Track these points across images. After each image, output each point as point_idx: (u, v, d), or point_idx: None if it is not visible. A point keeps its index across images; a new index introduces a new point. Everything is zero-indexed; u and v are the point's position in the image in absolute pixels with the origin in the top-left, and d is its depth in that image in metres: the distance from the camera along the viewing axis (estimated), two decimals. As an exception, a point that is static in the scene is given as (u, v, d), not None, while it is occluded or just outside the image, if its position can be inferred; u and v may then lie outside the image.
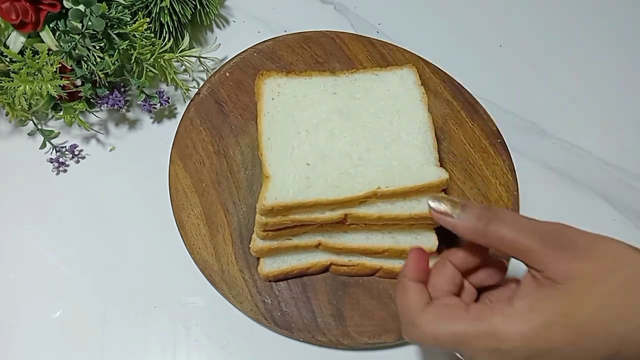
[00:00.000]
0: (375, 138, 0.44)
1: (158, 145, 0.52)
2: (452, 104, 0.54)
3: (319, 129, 0.44)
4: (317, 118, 0.45)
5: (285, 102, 0.45)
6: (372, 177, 0.42)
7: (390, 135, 0.44)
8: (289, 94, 0.46)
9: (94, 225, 0.49)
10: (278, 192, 0.41)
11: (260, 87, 0.46)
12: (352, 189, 0.41)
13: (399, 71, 0.48)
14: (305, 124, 0.44)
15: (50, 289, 0.46)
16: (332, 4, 0.62)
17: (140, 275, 0.47)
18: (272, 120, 0.44)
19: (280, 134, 0.44)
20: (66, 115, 0.50)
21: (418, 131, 0.44)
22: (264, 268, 0.44)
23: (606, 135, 0.57)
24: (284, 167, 0.42)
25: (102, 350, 0.44)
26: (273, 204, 0.40)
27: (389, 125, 0.45)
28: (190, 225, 0.47)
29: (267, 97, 0.45)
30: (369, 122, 0.45)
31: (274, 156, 0.43)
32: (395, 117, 0.45)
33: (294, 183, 0.41)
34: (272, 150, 0.43)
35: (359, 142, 0.43)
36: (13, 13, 0.46)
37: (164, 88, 0.54)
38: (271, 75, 0.46)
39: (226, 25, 0.60)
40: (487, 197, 0.50)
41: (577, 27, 0.63)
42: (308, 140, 0.43)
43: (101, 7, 0.45)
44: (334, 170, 0.42)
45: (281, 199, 0.40)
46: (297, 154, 0.43)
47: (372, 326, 0.45)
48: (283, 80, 0.46)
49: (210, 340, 0.45)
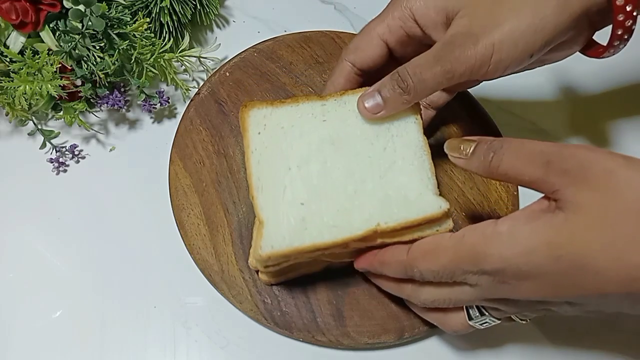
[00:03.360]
0: (369, 167, 0.41)
1: (158, 145, 0.52)
2: (452, 104, 0.54)
3: (310, 161, 0.41)
4: (308, 149, 0.41)
5: (272, 136, 0.42)
6: (369, 212, 0.39)
7: (385, 163, 0.41)
8: (275, 126, 0.42)
9: (94, 225, 0.49)
10: (273, 239, 0.38)
11: (245, 121, 0.42)
12: (350, 228, 0.39)
13: None
14: (295, 157, 0.41)
15: (50, 289, 0.46)
16: (332, 4, 0.62)
17: (140, 275, 0.47)
18: (260, 157, 0.41)
19: (270, 173, 0.41)
20: (66, 115, 0.50)
21: (414, 156, 0.41)
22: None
23: (606, 135, 0.57)
24: (277, 209, 0.39)
25: (102, 350, 0.44)
26: (269, 253, 0.38)
27: (383, 151, 0.41)
28: (190, 225, 0.47)
29: (252, 132, 0.42)
30: (362, 149, 0.41)
31: (266, 198, 0.40)
32: (389, 142, 0.42)
33: (289, 227, 0.39)
34: (264, 191, 0.40)
35: (354, 172, 0.41)
36: (13, 13, 0.46)
37: (164, 88, 0.54)
38: (255, 106, 0.43)
39: (226, 25, 0.60)
40: (487, 197, 0.50)
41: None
42: (300, 176, 0.40)
43: (101, 7, 0.45)
44: (329, 208, 0.39)
45: (277, 247, 0.38)
46: (289, 193, 0.40)
47: (372, 326, 0.45)
48: (268, 110, 0.43)
49: (210, 340, 0.45)
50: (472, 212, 0.50)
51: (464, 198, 0.50)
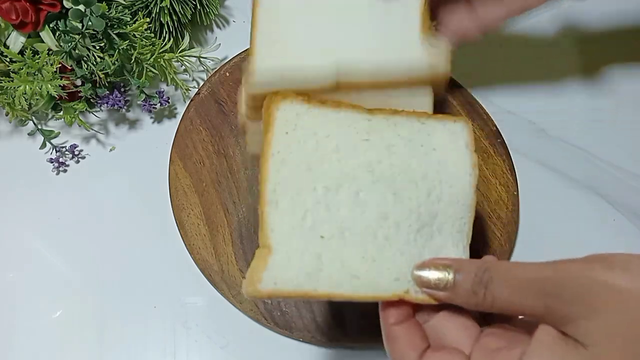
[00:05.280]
0: (408, 213, 0.34)
1: (158, 145, 0.52)
2: (452, 103, 0.54)
3: (341, 187, 0.34)
4: (340, 171, 0.34)
5: (302, 142, 0.34)
6: (399, 271, 0.33)
7: (425, 214, 0.34)
8: (308, 131, 0.35)
9: (94, 225, 0.49)
10: (279, 275, 0.31)
11: (271, 114, 0.34)
12: (374, 284, 0.32)
13: (450, 124, 0.37)
14: (324, 177, 0.34)
15: (50, 289, 0.46)
16: (332, 4, 0.62)
17: (140, 275, 0.47)
18: (282, 165, 0.33)
19: (290, 187, 0.33)
20: (66, 115, 0.50)
21: (456, 215, 0.35)
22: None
23: (606, 135, 0.57)
24: (291, 238, 0.32)
25: (102, 350, 0.44)
26: (272, 291, 0.31)
27: (427, 197, 0.34)
28: (190, 225, 0.47)
29: (279, 131, 0.34)
30: (403, 188, 0.34)
31: (280, 219, 0.32)
32: (436, 189, 0.35)
33: (302, 263, 0.32)
34: (279, 209, 0.33)
35: (388, 215, 0.34)
36: (13, 13, 0.46)
37: (164, 88, 0.54)
38: (288, 98, 0.35)
39: (226, 25, 0.60)
40: (487, 197, 0.50)
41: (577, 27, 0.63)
42: (325, 202, 0.33)
43: (101, 7, 0.45)
44: (353, 253, 0.32)
45: (282, 286, 0.31)
46: (310, 220, 0.33)
47: (372, 326, 0.45)
48: (303, 108, 0.35)
49: (210, 340, 0.45)
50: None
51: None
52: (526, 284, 0.29)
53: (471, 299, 0.30)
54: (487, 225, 0.49)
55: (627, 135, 0.57)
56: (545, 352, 0.28)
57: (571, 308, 0.27)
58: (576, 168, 0.54)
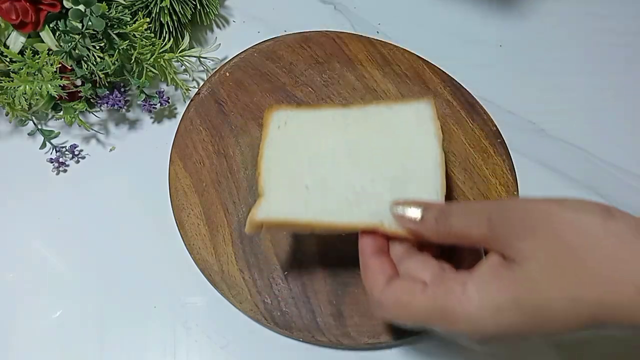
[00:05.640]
0: (382, 171, 0.41)
1: (158, 145, 0.52)
2: (452, 104, 0.54)
3: (324, 159, 0.41)
4: (324, 149, 0.42)
5: (290, 131, 0.43)
6: (374, 210, 0.39)
7: (400, 171, 0.41)
8: (295, 124, 0.44)
9: (94, 225, 0.49)
10: (271, 209, 0.39)
11: (267, 119, 0.44)
12: (351, 216, 0.39)
13: (415, 104, 0.44)
14: (309, 154, 0.42)
15: (50, 289, 0.46)
16: (332, 4, 0.62)
17: (140, 275, 0.47)
18: (275, 147, 0.42)
19: (281, 159, 0.41)
20: (66, 115, 0.50)
21: (427, 169, 0.41)
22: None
23: (606, 135, 0.57)
24: (280, 186, 0.40)
25: (102, 350, 0.44)
26: (264, 220, 0.38)
27: (398, 159, 0.41)
28: (190, 225, 0.47)
29: (272, 127, 0.43)
30: (378, 155, 0.42)
31: (272, 177, 0.40)
32: (406, 153, 0.42)
33: (290, 202, 0.39)
34: (271, 172, 0.41)
35: (364, 173, 0.41)
36: (13, 13, 0.46)
37: (164, 88, 0.54)
38: (280, 108, 0.45)
39: (226, 25, 0.60)
40: (487, 197, 0.50)
41: (578, 27, 0.63)
42: (310, 168, 0.41)
43: (101, 7, 0.45)
44: (334, 197, 0.40)
45: (273, 215, 0.38)
46: (297, 176, 0.40)
47: (372, 326, 0.45)
48: (292, 112, 0.44)
49: (210, 340, 0.45)
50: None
51: (464, 198, 0.50)
52: (475, 211, 0.34)
53: (433, 228, 0.36)
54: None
55: (627, 135, 0.57)
56: (485, 270, 0.32)
57: (510, 230, 0.32)
58: (576, 168, 0.54)
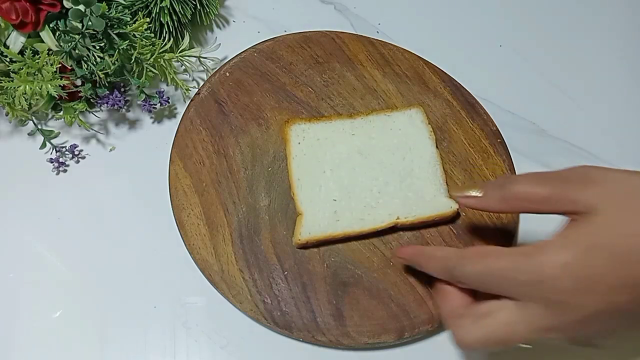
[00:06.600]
0: (391, 173, 0.49)
1: (158, 145, 0.52)
2: (452, 104, 0.54)
3: (342, 166, 0.49)
4: (339, 157, 0.50)
5: (310, 145, 0.50)
6: (392, 209, 0.47)
7: (404, 170, 0.49)
8: (312, 137, 0.50)
9: (94, 225, 0.49)
10: (310, 227, 0.46)
11: (287, 133, 0.50)
12: (374, 221, 0.47)
13: (407, 111, 0.52)
14: (329, 163, 0.49)
15: (50, 289, 0.46)
16: (332, 4, 0.62)
17: (140, 275, 0.47)
18: (300, 162, 0.49)
19: (307, 174, 0.49)
20: (66, 115, 0.50)
21: (428, 165, 0.50)
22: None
23: (606, 135, 0.57)
24: (314, 204, 0.47)
25: (102, 350, 0.44)
26: (307, 238, 0.46)
27: (402, 160, 0.50)
28: (190, 225, 0.47)
29: (294, 142, 0.50)
30: (385, 158, 0.50)
31: (305, 195, 0.48)
32: (407, 153, 0.50)
33: (324, 218, 0.47)
34: (303, 189, 0.48)
35: (378, 177, 0.49)
36: (13, 13, 0.46)
37: (164, 88, 0.54)
38: (296, 122, 0.51)
39: (226, 25, 0.60)
40: (487, 197, 0.50)
41: (578, 27, 0.63)
42: (332, 178, 0.49)
43: (101, 7, 0.45)
44: (358, 204, 0.48)
45: (314, 233, 0.46)
46: (324, 191, 0.48)
47: (372, 326, 0.45)
48: (307, 125, 0.51)
49: (210, 340, 0.45)
50: (473, 212, 0.50)
51: (464, 198, 0.50)
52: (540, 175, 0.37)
53: (497, 195, 0.38)
54: (487, 225, 0.49)
55: (627, 135, 0.57)
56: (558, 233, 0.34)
57: (575, 184, 0.34)
58: (576, 168, 0.54)
